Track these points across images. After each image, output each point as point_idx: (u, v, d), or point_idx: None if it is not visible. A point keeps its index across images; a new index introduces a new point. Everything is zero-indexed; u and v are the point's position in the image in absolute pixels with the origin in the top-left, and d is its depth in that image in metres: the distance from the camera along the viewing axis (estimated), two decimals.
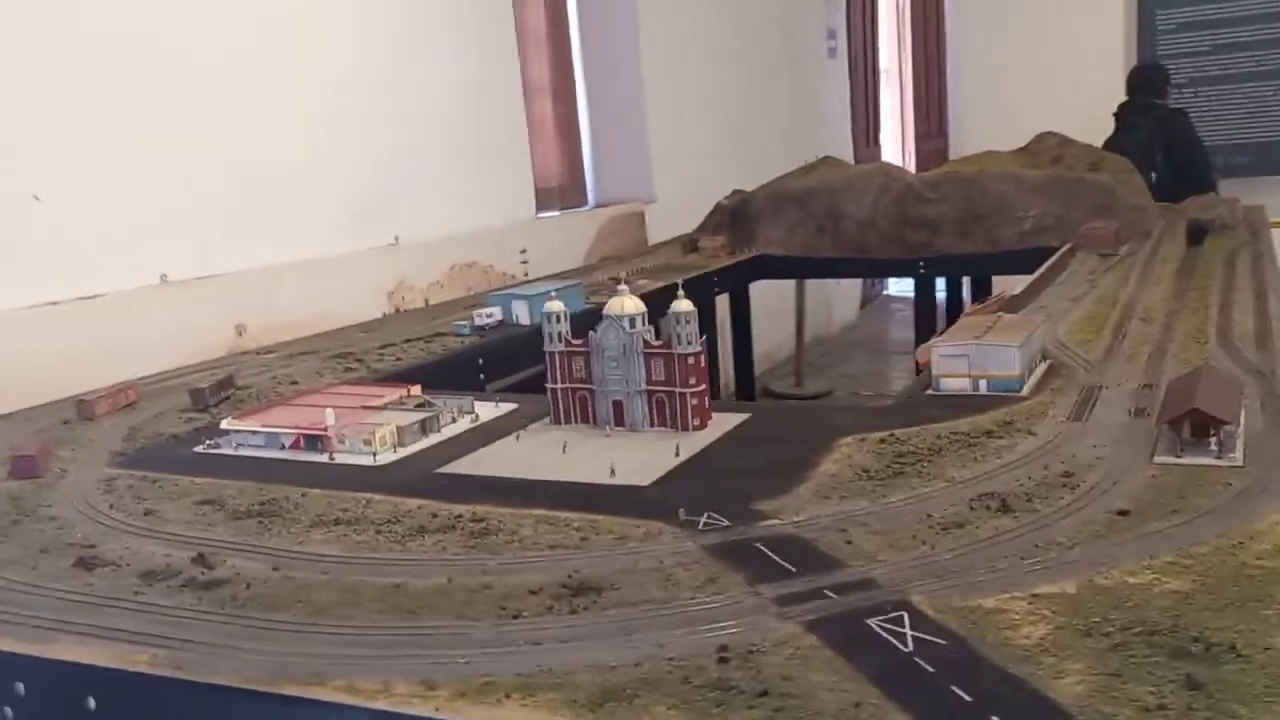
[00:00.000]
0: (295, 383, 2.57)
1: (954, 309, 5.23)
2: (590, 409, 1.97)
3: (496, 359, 2.95)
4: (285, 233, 3.58)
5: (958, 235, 4.49)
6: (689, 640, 1.08)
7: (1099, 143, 5.51)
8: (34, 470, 1.87)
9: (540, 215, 5.09)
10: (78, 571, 1.41)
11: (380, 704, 1.02)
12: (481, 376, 2.88)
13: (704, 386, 1.90)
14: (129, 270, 3.01)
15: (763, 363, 6.52)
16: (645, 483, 1.63)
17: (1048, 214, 4.38)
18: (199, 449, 2.01)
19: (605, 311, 1.95)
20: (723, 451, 1.78)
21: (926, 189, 4.55)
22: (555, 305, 1.99)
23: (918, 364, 2.83)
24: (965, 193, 4.49)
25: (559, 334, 1.99)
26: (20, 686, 1.20)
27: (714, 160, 6.79)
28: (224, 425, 2.04)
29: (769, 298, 6.12)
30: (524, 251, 4.68)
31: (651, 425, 1.92)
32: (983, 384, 1.99)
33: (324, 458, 1.89)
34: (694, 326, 1.88)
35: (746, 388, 5.40)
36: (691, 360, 1.88)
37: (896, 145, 12.00)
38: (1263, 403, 1.77)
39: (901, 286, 10.45)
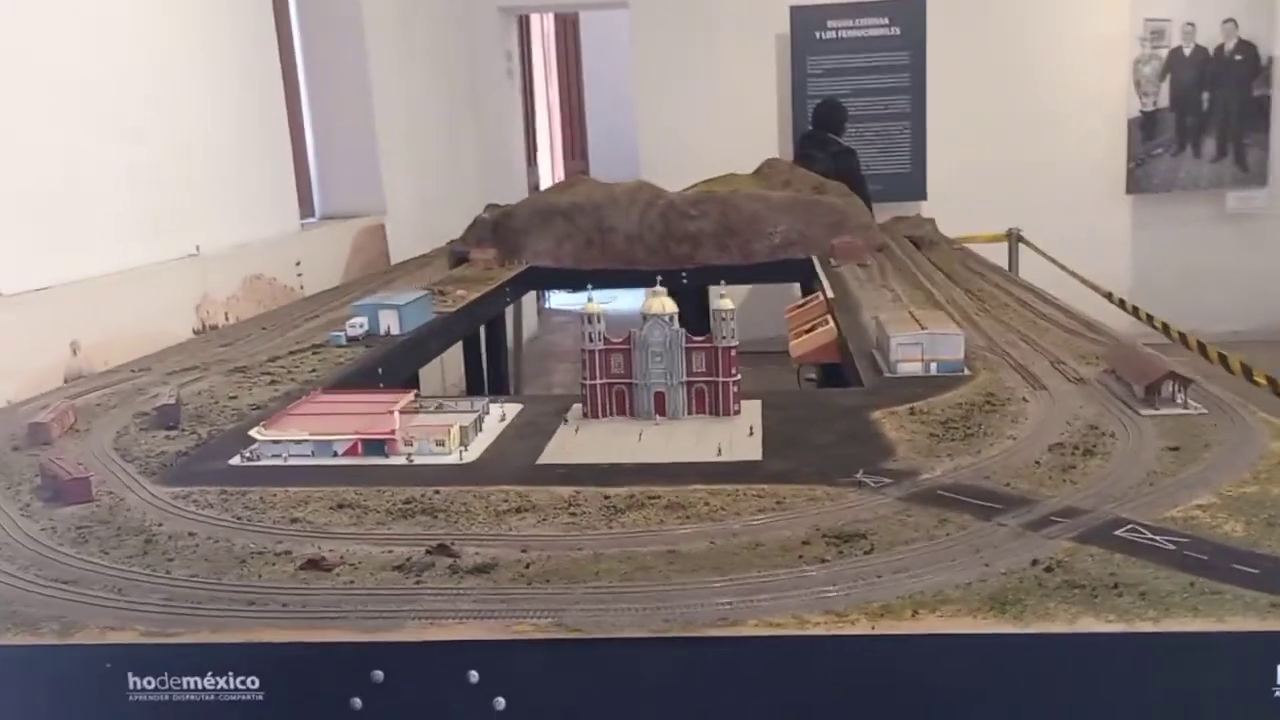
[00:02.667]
0: (234, 396, 2.44)
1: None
2: (628, 401, 2.12)
3: (389, 367, 2.96)
4: (85, 244, 3.28)
5: (716, 248, 4.94)
6: (1003, 559, 1.33)
7: None
8: (87, 494, 1.72)
9: (305, 224, 4.94)
10: (316, 574, 1.39)
11: (818, 630, 1.17)
12: (380, 385, 2.88)
13: (739, 376, 2.12)
14: None
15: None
16: (757, 457, 1.84)
17: (792, 230, 4.95)
18: (234, 461, 1.92)
19: (644, 311, 2.11)
20: (785, 429, 2.01)
21: (688, 206, 4.97)
22: (594, 307, 2.12)
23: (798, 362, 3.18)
24: (722, 210, 4.96)
25: (598, 333, 2.12)
26: (379, 674, 1.21)
27: (434, 176, 6.84)
28: (255, 435, 1.96)
29: None
30: (299, 264, 4.54)
31: (691, 413, 2.11)
32: (933, 366, 2.37)
33: (397, 460, 1.89)
34: (734, 323, 2.10)
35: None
36: (732, 353, 2.09)
37: (548, 166, 12.53)
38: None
39: (563, 300, 10.98)
